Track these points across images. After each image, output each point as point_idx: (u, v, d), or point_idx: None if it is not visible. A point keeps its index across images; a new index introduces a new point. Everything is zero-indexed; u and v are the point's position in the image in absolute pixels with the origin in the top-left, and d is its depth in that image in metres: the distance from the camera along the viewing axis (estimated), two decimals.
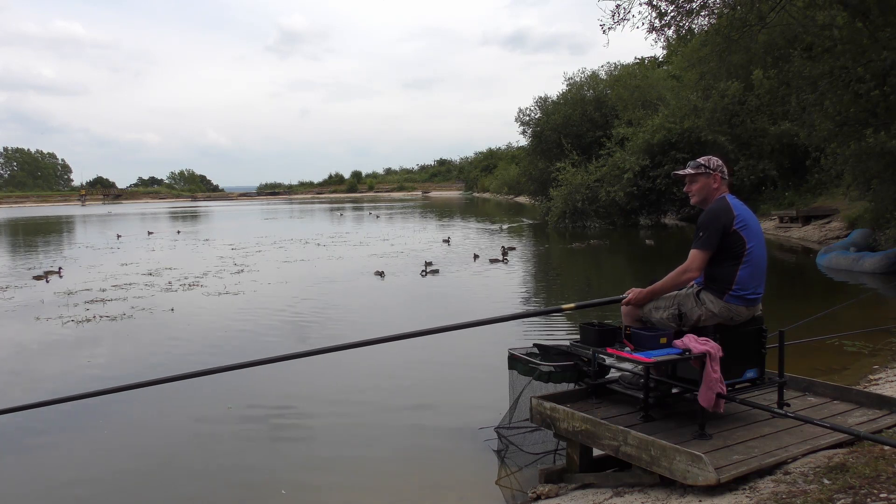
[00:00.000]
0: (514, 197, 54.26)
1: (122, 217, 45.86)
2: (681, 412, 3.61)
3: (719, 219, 3.47)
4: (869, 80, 10.74)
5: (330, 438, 5.01)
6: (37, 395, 6.02)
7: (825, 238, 17.03)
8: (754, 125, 21.61)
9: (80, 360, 7.33)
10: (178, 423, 5.42)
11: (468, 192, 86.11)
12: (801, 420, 3.33)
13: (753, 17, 12.11)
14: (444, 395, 5.98)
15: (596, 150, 27.48)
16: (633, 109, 27.54)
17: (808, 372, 4.79)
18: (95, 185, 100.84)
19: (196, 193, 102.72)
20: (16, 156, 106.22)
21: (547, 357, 4.09)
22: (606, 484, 3.52)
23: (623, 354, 3.52)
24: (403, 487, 4.18)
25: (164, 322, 9.26)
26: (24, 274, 14.86)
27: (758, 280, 3.49)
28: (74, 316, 9.62)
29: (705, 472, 2.86)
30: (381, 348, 4.31)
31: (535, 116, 33.15)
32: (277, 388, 6.14)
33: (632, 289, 3.74)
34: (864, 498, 2.48)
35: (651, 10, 12.60)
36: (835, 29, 11.26)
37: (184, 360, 7.19)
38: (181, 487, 4.27)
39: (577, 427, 3.55)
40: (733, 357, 3.42)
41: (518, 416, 4.49)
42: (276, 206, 62.40)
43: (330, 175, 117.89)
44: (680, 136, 23.51)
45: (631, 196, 24.45)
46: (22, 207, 72.39)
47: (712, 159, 3.68)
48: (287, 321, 9.22)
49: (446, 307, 10.33)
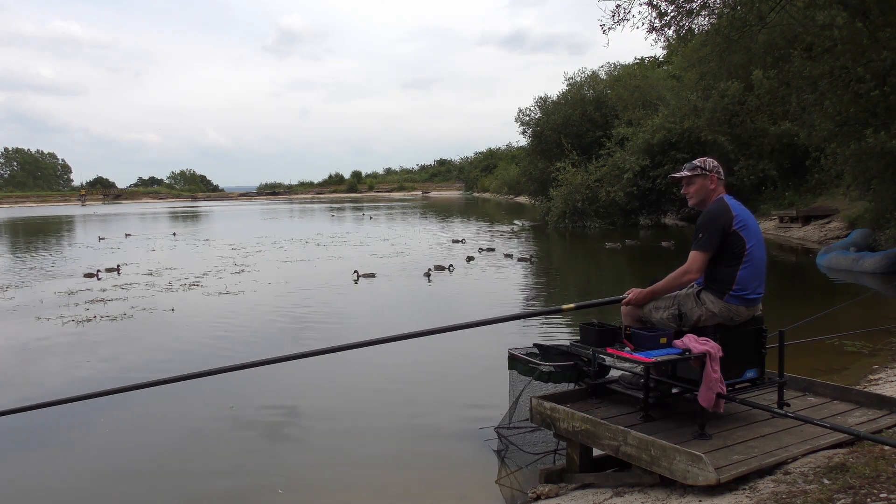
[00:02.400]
0: (514, 197, 54.23)
1: (111, 217, 45.82)
2: (681, 412, 3.61)
3: (718, 220, 3.47)
4: (869, 80, 10.74)
5: (330, 438, 5.01)
6: (37, 394, 6.03)
7: (825, 238, 17.03)
8: (754, 125, 21.62)
9: (80, 361, 7.33)
10: (179, 422, 5.43)
11: (468, 192, 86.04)
12: (801, 420, 3.33)
13: (753, 17, 12.11)
14: (444, 395, 5.98)
15: (596, 150, 27.49)
16: (633, 109, 27.55)
17: (808, 372, 4.79)
18: (95, 186, 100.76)
19: (196, 193, 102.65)
20: (16, 156, 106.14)
21: (547, 357, 4.09)
22: (606, 484, 3.52)
23: (623, 354, 3.52)
24: (403, 487, 4.18)
25: (165, 322, 9.26)
26: (23, 272, 14.87)
27: (758, 280, 3.50)
28: (75, 316, 9.62)
29: (705, 472, 2.86)
30: (382, 348, 4.31)
31: (535, 116, 33.14)
32: (277, 388, 6.14)
33: (632, 289, 3.74)
34: (864, 498, 2.49)
35: (651, 10, 12.63)
36: (835, 29, 11.26)
37: (184, 359, 7.19)
38: (181, 486, 4.28)
39: (577, 427, 3.55)
40: (733, 357, 3.42)
41: (518, 416, 4.49)
42: (276, 206, 62.38)
43: (330, 175, 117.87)
44: (680, 136, 23.52)
45: (631, 196, 24.46)
46: (22, 207, 72.39)
47: (708, 160, 3.68)
48: (287, 321, 9.22)
49: (447, 307, 10.34)
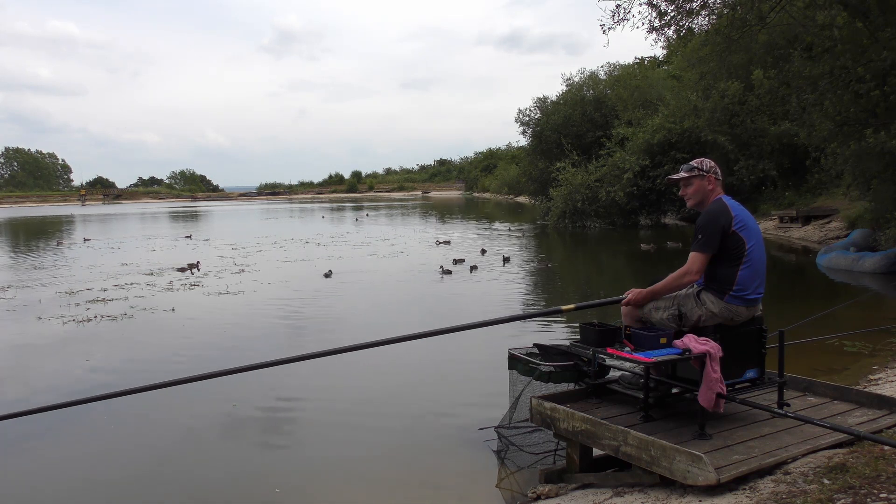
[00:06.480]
0: (514, 197, 54.29)
1: (111, 217, 45.82)
2: (681, 412, 3.61)
3: (718, 220, 3.47)
4: (869, 80, 10.73)
5: (330, 438, 5.01)
6: (37, 395, 6.03)
7: (825, 238, 17.02)
8: (754, 125, 21.60)
9: (80, 360, 7.31)
10: (179, 421, 5.42)
11: (468, 192, 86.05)
12: (801, 420, 3.33)
13: (753, 17, 12.10)
14: (444, 395, 5.98)
15: (596, 150, 27.48)
16: (632, 109, 27.54)
17: (808, 372, 4.79)
18: (95, 186, 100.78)
19: (196, 193, 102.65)
20: (16, 156, 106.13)
21: (547, 357, 4.09)
22: (606, 484, 3.52)
23: (623, 354, 3.52)
24: (403, 487, 4.18)
25: (165, 322, 9.26)
26: (23, 270, 14.88)
27: (758, 280, 3.50)
28: (75, 315, 9.62)
29: (705, 472, 2.86)
30: (382, 349, 4.31)
31: (534, 117, 33.16)
32: (277, 388, 6.14)
33: (632, 289, 3.74)
34: (864, 498, 2.49)
35: (651, 10, 12.60)
36: (835, 29, 11.25)
37: (185, 359, 7.19)
38: (179, 485, 4.27)
39: (577, 427, 3.55)
40: (733, 357, 3.42)
41: (518, 416, 4.48)
42: (276, 207, 62.37)
43: (330, 175, 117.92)
44: (680, 136, 23.51)
45: (631, 196, 24.44)
46: (22, 207, 72.38)
47: (705, 161, 3.68)
48: (288, 321, 9.22)
49: (447, 308, 10.34)
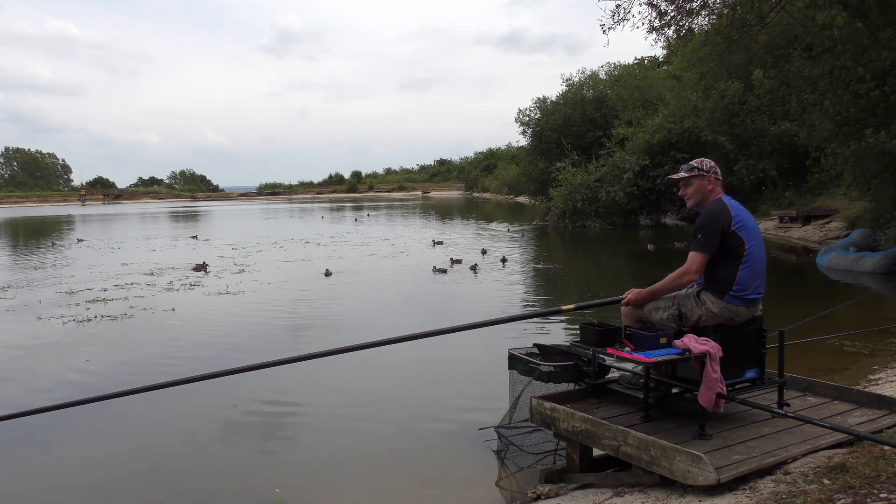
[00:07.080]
0: (514, 197, 54.28)
1: (111, 217, 45.81)
2: (681, 412, 3.61)
3: (717, 220, 3.47)
4: (869, 80, 10.73)
5: (330, 438, 5.01)
6: (37, 394, 6.03)
7: (825, 238, 17.02)
8: (754, 125, 21.61)
9: (80, 361, 7.31)
10: (179, 421, 5.42)
11: (468, 192, 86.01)
12: (801, 420, 3.33)
13: (753, 17, 12.10)
14: (444, 395, 5.98)
15: (596, 150, 27.48)
16: (632, 109, 27.54)
17: (808, 372, 4.79)
18: (95, 185, 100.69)
19: (196, 193, 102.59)
20: (16, 156, 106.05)
21: (547, 357, 4.09)
22: (606, 484, 3.52)
23: (623, 354, 3.52)
24: (403, 487, 4.18)
25: (166, 322, 9.26)
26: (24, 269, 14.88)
27: (758, 280, 3.49)
28: (75, 315, 9.62)
29: (705, 472, 2.86)
30: (382, 349, 4.31)
31: (534, 117, 33.15)
32: (277, 388, 6.14)
33: (632, 289, 3.74)
34: (864, 498, 2.49)
35: (651, 10, 12.61)
36: (835, 29, 11.25)
37: (186, 359, 7.19)
38: (179, 484, 4.28)
39: (577, 427, 3.55)
40: (733, 357, 3.42)
41: (518, 416, 4.48)
42: (276, 207, 62.35)
43: (330, 175, 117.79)
44: (680, 136, 23.51)
45: (631, 196, 24.44)
46: (22, 207, 72.37)
47: (705, 161, 3.68)
48: (288, 321, 9.22)
49: (447, 308, 10.33)
